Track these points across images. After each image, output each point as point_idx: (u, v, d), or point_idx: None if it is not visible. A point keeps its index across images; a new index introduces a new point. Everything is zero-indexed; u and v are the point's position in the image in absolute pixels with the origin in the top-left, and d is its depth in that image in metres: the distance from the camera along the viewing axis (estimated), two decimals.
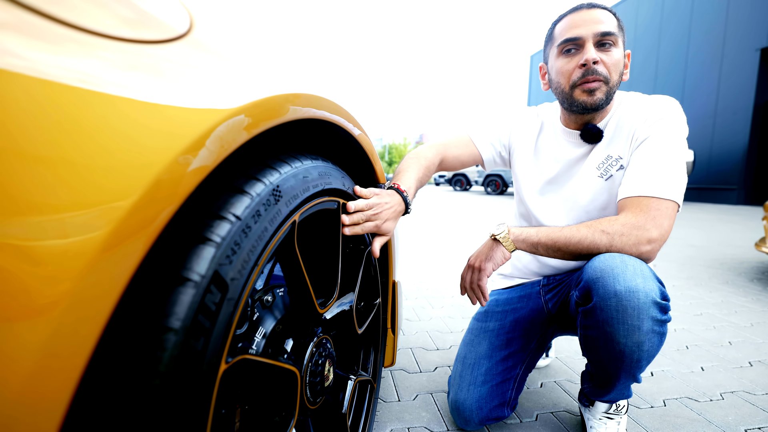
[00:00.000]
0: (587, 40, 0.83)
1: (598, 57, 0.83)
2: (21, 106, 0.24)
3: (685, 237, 4.52)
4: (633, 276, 0.72)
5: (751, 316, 1.93)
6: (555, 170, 1.00)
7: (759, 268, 2.97)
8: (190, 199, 0.40)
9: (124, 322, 0.34)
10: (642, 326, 0.71)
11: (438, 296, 2.20)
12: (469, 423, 0.98)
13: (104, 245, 0.27)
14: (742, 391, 1.22)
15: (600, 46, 0.84)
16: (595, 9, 0.85)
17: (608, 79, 0.84)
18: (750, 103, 10.41)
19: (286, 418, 0.55)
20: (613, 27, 0.84)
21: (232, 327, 0.39)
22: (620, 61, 0.85)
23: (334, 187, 0.63)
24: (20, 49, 0.26)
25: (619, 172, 0.90)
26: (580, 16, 0.85)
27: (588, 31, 0.83)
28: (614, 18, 0.86)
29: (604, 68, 0.84)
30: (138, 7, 0.37)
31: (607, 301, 0.72)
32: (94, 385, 0.32)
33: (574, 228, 0.82)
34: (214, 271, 0.37)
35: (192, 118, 0.34)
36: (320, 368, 0.63)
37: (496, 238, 0.88)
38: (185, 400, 0.34)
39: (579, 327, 0.82)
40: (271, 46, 0.59)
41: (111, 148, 0.28)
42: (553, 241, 0.83)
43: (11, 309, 0.23)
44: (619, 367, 0.78)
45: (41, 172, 0.25)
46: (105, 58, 0.31)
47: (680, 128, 0.85)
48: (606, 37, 0.83)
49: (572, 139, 0.97)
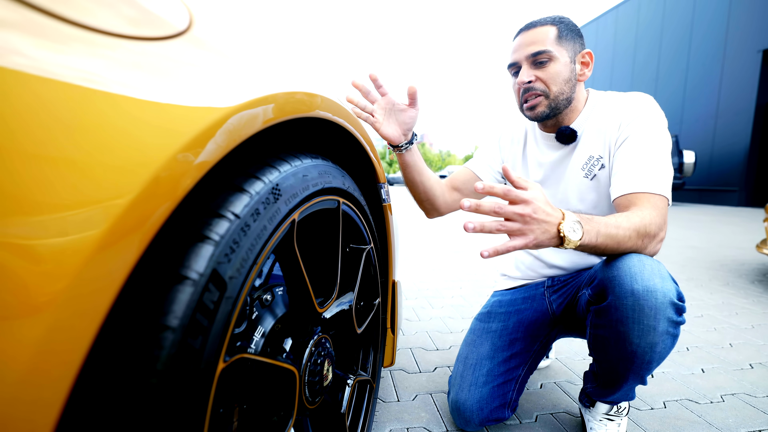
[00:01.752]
0: (522, 63, 0.92)
1: (532, 76, 0.91)
2: (18, 103, 0.24)
3: (685, 238, 4.51)
4: (651, 275, 0.71)
5: (752, 318, 1.92)
6: (540, 174, 1.04)
7: (760, 270, 2.97)
8: (191, 197, 0.40)
9: (122, 320, 0.34)
10: (658, 327, 0.71)
11: (438, 296, 2.20)
12: (470, 423, 0.98)
13: (101, 243, 0.27)
14: (743, 393, 1.21)
15: (535, 65, 0.91)
16: (531, 30, 0.91)
17: (547, 92, 0.91)
18: (752, 105, 10.39)
19: (285, 418, 0.55)
20: (548, 44, 0.89)
21: (231, 326, 0.39)
22: (560, 71, 0.90)
23: (335, 186, 0.63)
24: (18, 45, 0.25)
25: (602, 171, 0.93)
26: (517, 41, 0.93)
27: (521, 55, 0.92)
28: (553, 30, 0.90)
29: (540, 84, 0.91)
30: (137, 4, 0.37)
31: (623, 300, 0.72)
32: (91, 383, 0.32)
33: (622, 225, 0.75)
34: (213, 270, 0.37)
35: (189, 115, 0.34)
36: (319, 368, 0.63)
37: (562, 235, 0.69)
38: (183, 398, 0.34)
39: (589, 326, 0.81)
40: (271, 44, 0.58)
41: (107, 145, 0.28)
42: (614, 239, 0.74)
43: (7, 306, 0.23)
44: (628, 368, 0.77)
45: (38, 169, 0.24)
46: (102, 54, 0.31)
47: (660, 122, 0.87)
48: (539, 56, 0.90)
49: (550, 142, 1.02)
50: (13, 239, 0.23)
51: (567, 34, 0.91)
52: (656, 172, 0.82)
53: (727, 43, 11.12)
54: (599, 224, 0.73)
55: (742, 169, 10.56)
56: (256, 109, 0.42)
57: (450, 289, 2.35)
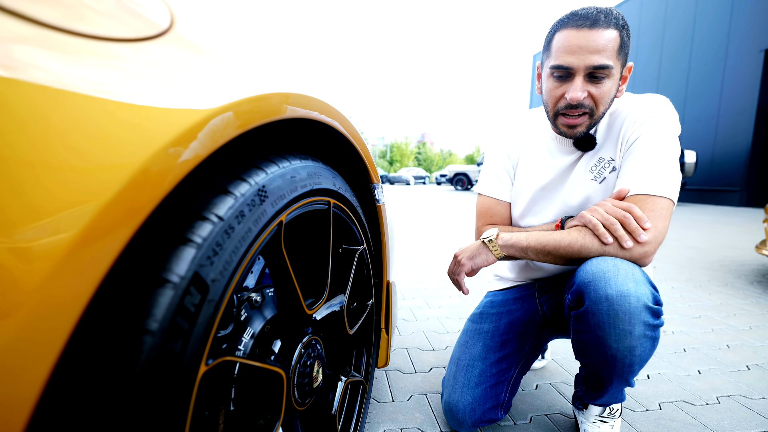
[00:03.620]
0: (578, 72, 0.79)
1: (585, 92, 0.80)
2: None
3: (685, 238, 4.50)
4: (624, 280, 0.71)
5: (750, 319, 1.91)
6: (548, 177, 0.98)
7: (759, 271, 2.96)
8: (175, 199, 0.40)
9: (103, 322, 0.33)
10: (633, 331, 0.71)
11: (436, 296, 2.20)
12: (462, 425, 0.98)
13: (75, 245, 0.26)
14: (739, 395, 1.21)
15: (592, 78, 0.80)
16: (596, 30, 0.77)
17: (593, 111, 0.82)
18: (753, 105, 10.35)
19: (272, 420, 0.55)
20: (610, 56, 0.77)
21: (213, 329, 0.39)
22: (611, 89, 0.81)
23: (324, 187, 0.63)
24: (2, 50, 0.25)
25: (612, 173, 0.89)
26: (578, 39, 0.78)
27: (581, 62, 0.78)
28: (617, 37, 0.78)
29: (590, 101, 0.81)
30: (121, 4, 0.37)
31: (598, 306, 0.72)
32: (68, 386, 0.31)
33: (564, 232, 0.82)
34: (194, 273, 0.37)
35: (169, 116, 0.34)
36: (308, 369, 0.62)
37: (484, 242, 0.91)
38: (162, 402, 0.34)
39: (571, 331, 0.81)
40: (259, 45, 0.58)
41: (82, 147, 0.28)
42: (542, 245, 0.82)
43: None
44: (611, 371, 0.77)
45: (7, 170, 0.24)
46: (82, 56, 0.30)
47: (672, 125, 0.83)
48: (599, 71, 0.78)
49: (564, 146, 0.95)
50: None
51: (626, 42, 0.80)
52: (662, 174, 0.78)
53: (729, 43, 11.08)
54: (533, 231, 0.89)
55: (744, 169, 10.52)
56: (239, 109, 0.42)
57: (448, 289, 2.35)
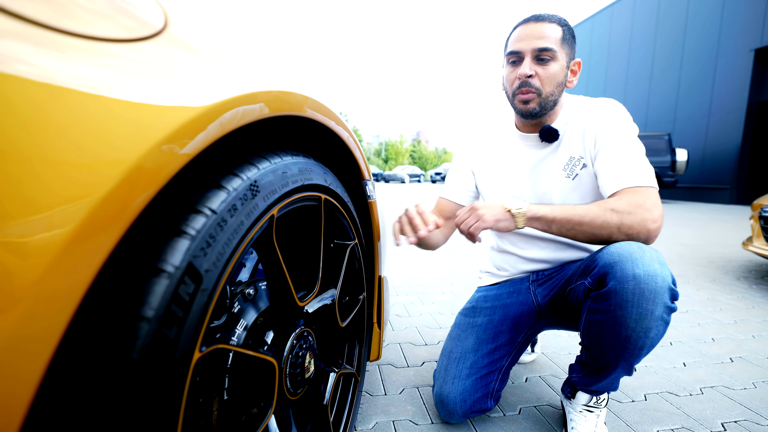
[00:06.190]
0: (526, 55, 0.92)
1: (532, 71, 0.92)
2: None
3: (676, 236, 4.57)
4: (651, 261, 0.75)
5: (735, 313, 1.96)
6: (521, 175, 1.05)
7: (746, 267, 3.02)
8: (170, 193, 0.41)
9: (100, 310, 0.35)
10: (655, 311, 0.74)
11: (429, 293, 2.22)
12: (453, 416, 1.00)
13: (72, 239, 0.28)
14: (722, 386, 1.24)
15: (538, 61, 0.92)
16: (540, 23, 0.92)
17: (540, 91, 0.93)
18: (744, 103, 10.48)
19: (265, 408, 0.56)
20: (553, 42, 0.91)
21: (207, 317, 0.40)
22: (557, 73, 0.92)
23: (315, 182, 0.64)
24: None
25: (584, 170, 0.97)
26: (525, 31, 0.93)
27: (527, 46, 0.91)
28: (559, 30, 0.92)
29: (537, 81, 0.92)
30: (117, 6, 0.38)
31: (624, 284, 0.75)
32: (66, 371, 0.33)
33: (586, 207, 0.86)
34: (189, 263, 0.38)
35: (163, 114, 0.35)
36: (300, 360, 0.64)
37: (511, 211, 0.88)
38: (158, 386, 0.36)
39: (585, 312, 0.85)
40: (252, 44, 0.60)
41: (78, 143, 0.29)
42: (567, 219, 0.86)
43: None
44: (620, 353, 0.80)
45: (5, 165, 0.26)
46: (75, 55, 0.32)
47: (633, 127, 0.94)
48: (543, 53, 0.91)
49: (530, 142, 1.03)
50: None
51: (569, 38, 0.94)
52: (641, 168, 0.87)
53: (720, 43, 11.20)
54: (557, 205, 0.89)
55: (734, 167, 10.66)
56: (232, 107, 0.43)
57: (441, 285, 2.38)
